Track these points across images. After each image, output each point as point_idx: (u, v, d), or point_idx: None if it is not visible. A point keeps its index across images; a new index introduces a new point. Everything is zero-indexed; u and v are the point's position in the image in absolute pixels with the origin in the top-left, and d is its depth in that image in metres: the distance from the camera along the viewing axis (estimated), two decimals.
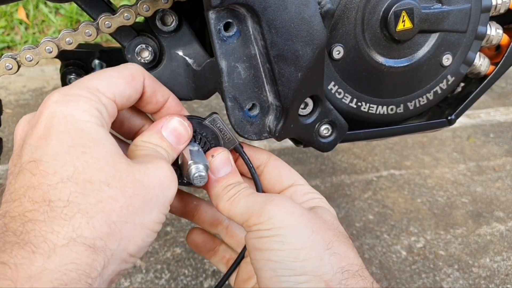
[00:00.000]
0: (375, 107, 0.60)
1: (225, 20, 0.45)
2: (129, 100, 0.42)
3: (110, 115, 0.39)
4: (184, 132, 0.46)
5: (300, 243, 0.42)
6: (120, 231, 0.35)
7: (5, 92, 1.96)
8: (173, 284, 1.16)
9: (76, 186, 0.34)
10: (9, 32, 2.34)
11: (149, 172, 0.38)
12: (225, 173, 0.49)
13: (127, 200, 0.35)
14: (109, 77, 0.40)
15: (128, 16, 0.50)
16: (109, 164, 0.36)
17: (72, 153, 0.35)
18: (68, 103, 0.37)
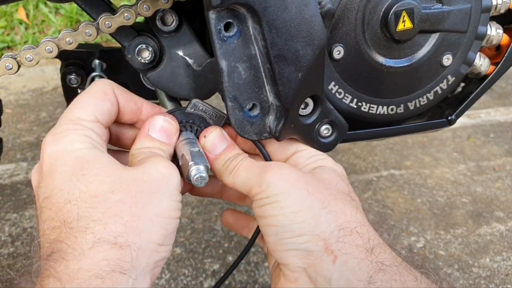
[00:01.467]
0: (376, 107, 0.60)
1: (225, 20, 0.45)
2: (110, 114, 0.46)
3: (99, 134, 0.43)
4: (169, 126, 0.48)
5: (297, 206, 0.44)
6: (137, 226, 0.38)
7: (5, 92, 1.96)
8: (173, 284, 1.16)
9: (84, 203, 0.38)
10: (9, 32, 2.33)
11: (147, 170, 0.41)
12: (222, 149, 0.51)
13: (133, 199, 0.39)
14: (85, 102, 0.44)
15: (128, 16, 0.50)
16: (108, 175, 0.39)
17: (74, 179, 0.39)
18: (59, 140, 0.41)
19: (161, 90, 0.55)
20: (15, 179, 1.48)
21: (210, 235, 1.32)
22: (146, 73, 0.54)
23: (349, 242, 0.43)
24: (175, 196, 0.42)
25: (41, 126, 1.77)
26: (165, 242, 0.40)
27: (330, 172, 0.50)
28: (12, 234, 1.27)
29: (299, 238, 0.43)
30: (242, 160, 0.50)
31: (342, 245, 0.43)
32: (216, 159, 0.50)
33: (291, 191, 0.45)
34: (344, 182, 0.50)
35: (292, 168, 0.48)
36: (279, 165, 0.47)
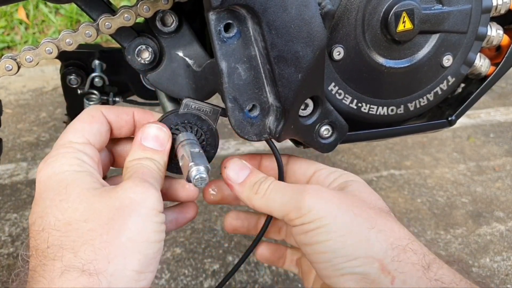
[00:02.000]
0: (376, 108, 0.60)
1: (225, 21, 0.45)
2: (102, 135, 0.46)
3: (91, 156, 0.44)
4: (161, 133, 0.48)
5: (345, 229, 0.42)
6: (109, 253, 0.37)
7: (5, 92, 1.96)
8: (173, 284, 1.16)
9: (57, 231, 0.38)
10: (9, 32, 2.33)
11: (119, 195, 0.40)
12: (245, 175, 0.50)
13: (104, 226, 0.38)
14: (75, 127, 0.45)
15: (128, 17, 0.50)
16: (83, 202, 0.39)
17: (53, 206, 0.39)
18: (49, 165, 0.42)
19: (161, 90, 0.55)
20: (15, 179, 1.48)
21: (210, 235, 1.32)
22: (146, 73, 0.54)
23: (404, 260, 0.42)
24: (153, 218, 0.40)
25: (41, 126, 1.77)
26: (144, 269, 0.39)
27: (364, 188, 0.49)
28: (12, 234, 1.27)
29: (354, 262, 0.42)
30: (273, 182, 0.49)
31: (397, 264, 0.42)
32: (242, 185, 0.50)
33: (337, 214, 0.43)
34: (379, 198, 0.49)
35: (330, 190, 0.47)
36: (316, 187, 0.46)
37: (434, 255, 0.44)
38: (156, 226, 0.40)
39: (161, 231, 0.41)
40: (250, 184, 0.49)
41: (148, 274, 0.39)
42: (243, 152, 1.68)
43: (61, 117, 1.80)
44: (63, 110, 1.82)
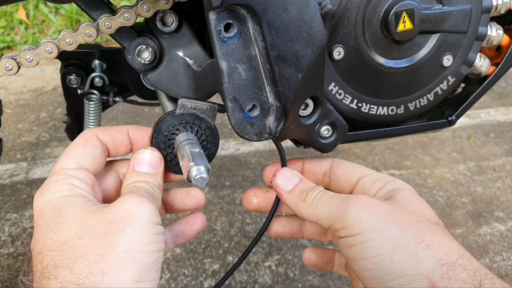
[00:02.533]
0: (376, 108, 0.60)
1: (225, 21, 0.45)
2: (96, 158, 0.47)
3: (85, 180, 0.44)
4: (152, 157, 0.48)
5: (391, 244, 0.41)
6: (104, 266, 0.37)
7: (5, 92, 1.96)
8: (173, 284, 1.16)
9: (54, 252, 0.39)
10: (9, 32, 2.33)
11: (113, 210, 0.41)
12: (295, 183, 0.51)
13: (99, 240, 0.39)
14: (68, 153, 0.46)
15: (128, 17, 0.50)
16: (76, 220, 0.40)
17: (48, 229, 0.40)
18: (43, 193, 0.43)
19: (161, 90, 0.55)
20: (15, 179, 1.48)
21: (210, 235, 1.32)
22: (146, 73, 0.54)
23: (454, 277, 0.40)
24: (148, 229, 0.40)
25: (41, 126, 1.77)
26: (143, 278, 0.39)
27: (412, 197, 0.47)
28: (12, 234, 1.27)
29: (402, 280, 0.40)
30: (322, 191, 0.48)
31: (447, 281, 0.40)
32: (290, 193, 0.50)
33: (382, 228, 0.41)
34: (428, 207, 0.47)
35: (377, 201, 0.45)
36: (362, 198, 0.45)
37: (486, 270, 0.43)
38: (152, 237, 0.40)
39: (158, 241, 0.41)
40: (299, 192, 0.49)
41: (148, 283, 0.39)
42: (243, 152, 1.68)
43: (61, 117, 1.80)
44: (63, 110, 1.82)
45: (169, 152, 0.51)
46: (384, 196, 0.49)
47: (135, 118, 1.84)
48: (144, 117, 1.85)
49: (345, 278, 1.24)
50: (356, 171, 0.53)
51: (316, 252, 0.61)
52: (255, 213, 1.41)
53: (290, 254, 1.28)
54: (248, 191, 0.57)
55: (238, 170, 1.60)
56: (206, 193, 1.48)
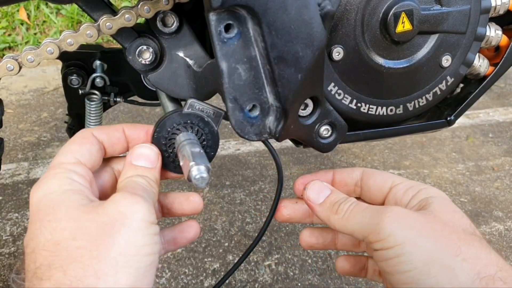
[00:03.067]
0: (375, 108, 0.60)
1: (225, 22, 0.46)
2: (93, 154, 0.46)
3: (82, 175, 0.44)
4: (150, 152, 0.48)
5: (427, 258, 0.40)
6: (99, 269, 0.37)
7: (6, 92, 1.96)
8: (174, 283, 1.17)
9: (47, 252, 0.38)
10: (10, 33, 2.34)
11: (107, 210, 0.40)
12: (325, 196, 0.51)
13: (94, 242, 0.38)
14: (66, 149, 0.46)
15: (129, 18, 0.50)
16: (70, 220, 0.39)
17: (42, 227, 0.39)
18: (40, 186, 0.42)
19: (161, 91, 0.56)
20: (16, 179, 1.48)
21: (211, 235, 1.32)
22: (147, 74, 0.54)
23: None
24: (144, 230, 0.40)
25: (42, 126, 1.77)
26: (138, 283, 0.38)
27: (446, 206, 0.46)
28: (13, 233, 1.27)
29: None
30: (354, 203, 0.48)
31: None
32: (322, 205, 0.50)
33: (417, 241, 0.41)
34: (463, 216, 0.46)
35: (411, 212, 0.44)
36: (395, 210, 0.44)
37: None
38: (148, 239, 0.40)
39: (154, 243, 0.40)
40: (330, 204, 0.49)
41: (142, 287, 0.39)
42: (243, 151, 1.69)
43: (63, 117, 1.80)
44: (64, 110, 1.82)
45: (169, 151, 0.51)
46: (417, 205, 0.48)
47: (136, 118, 1.84)
48: (145, 117, 1.85)
49: (345, 277, 1.25)
50: (387, 180, 0.52)
51: (349, 260, 0.60)
52: (255, 213, 1.41)
53: (289, 253, 1.28)
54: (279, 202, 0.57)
55: (238, 169, 1.60)
56: (207, 193, 1.49)
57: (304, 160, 1.68)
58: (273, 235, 1.34)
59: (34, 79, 2.07)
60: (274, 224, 1.38)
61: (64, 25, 2.36)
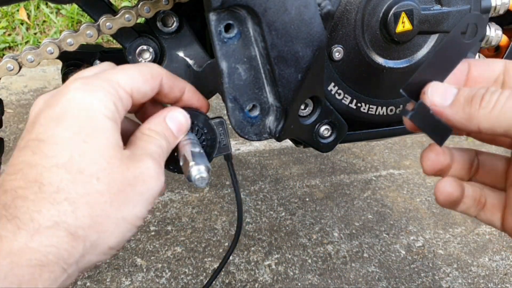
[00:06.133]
0: (375, 107, 0.60)
1: (225, 22, 0.46)
2: (144, 97, 0.44)
3: (124, 108, 0.41)
4: (184, 122, 0.47)
5: None
6: (102, 225, 0.36)
7: (6, 92, 1.97)
8: (174, 283, 1.17)
9: (67, 174, 0.35)
10: (10, 33, 2.34)
11: (136, 172, 0.39)
12: (453, 95, 0.38)
13: (112, 196, 0.37)
14: (130, 73, 0.42)
15: (129, 18, 0.50)
16: (103, 157, 0.37)
17: (74, 140, 0.36)
18: (87, 92, 0.38)
19: None
20: None
21: (211, 234, 1.32)
22: None
23: None
24: (149, 205, 0.40)
25: None
26: (116, 247, 0.38)
27: None
28: None
29: None
30: (506, 93, 0.34)
31: None
32: (454, 104, 0.37)
33: None
34: None
35: None
36: None
37: None
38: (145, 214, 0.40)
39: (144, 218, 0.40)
40: (467, 99, 0.36)
41: (116, 252, 0.38)
42: (243, 151, 1.69)
43: None
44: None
45: None
46: None
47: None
48: None
49: (345, 277, 1.25)
50: (495, 62, 0.39)
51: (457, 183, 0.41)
52: (255, 213, 1.41)
53: (289, 253, 1.28)
54: None
55: (238, 169, 1.60)
56: (206, 193, 1.49)
57: (304, 160, 1.68)
58: (273, 235, 1.34)
59: (34, 79, 2.07)
60: (274, 224, 1.39)
61: (64, 25, 2.36)
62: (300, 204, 1.47)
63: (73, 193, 0.35)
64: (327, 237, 1.35)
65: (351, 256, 1.29)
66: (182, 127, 0.47)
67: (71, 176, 0.35)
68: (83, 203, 0.35)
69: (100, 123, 0.38)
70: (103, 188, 0.36)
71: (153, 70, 0.44)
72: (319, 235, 1.36)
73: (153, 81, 0.43)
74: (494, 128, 0.35)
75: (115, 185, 0.37)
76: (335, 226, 1.39)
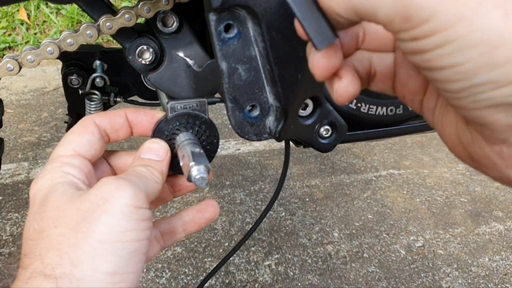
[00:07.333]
0: (375, 108, 0.60)
1: (225, 22, 0.46)
2: (93, 145, 0.46)
3: (79, 166, 0.44)
4: (158, 146, 0.48)
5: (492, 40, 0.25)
6: (75, 257, 0.37)
7: (6, 92, 1.97)
8: (174, 283, 1.17)
9: (32, 241, 0.39)
10: (10, 33, 2.34)
11: (90, 197, 0.39)
12: None
13: (73, 229, 0.38)
14: (65, 140, 0.46)
15: (129, 18, 0.50)
16: (54, 209, 0.40)
17: (34, 218, 0.40)
18: (37, 181, 0.43)
19: (161, 91, 0.56)
20: (16, 179, 1.48)
21: (211, 234, 1.32)
22: (147, 74, 0.54)
23: None
24: (128, 216, 0.38)
25: (42, 126, 1.77)
26: (120, 270, 0.37)
27: None
28: (13, 233, 1.28)
29: (507, 89, 0.26)
30: None
31: None
32: None
33: (475, 16, 0.26)
34: None
35: None
36: None
37: None
38: (132, 224, 0.38)
39: (140, 229, 0.39)
40: None
41: (127, 276, 0.37)
42: (243, 151, 1.69)
43: (63, 117, 1.81)
44: (65, 110, 1.82)
45: None
46: None
47: None
48: None
49: (345, 277, 1.25)
50: None
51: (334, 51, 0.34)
52: (255, 213, 1.41)
53: (289, 253, 1.28)
54: None
55: (238, 169, 1.60)
56: (207, 193, 1.49)
57: (304, 160, 1.68)
58: (273, 235, 1.34)
59: (34, 79, 2.07)
60: (274, 224, 1.39)
61: (64, 25, 2.36)
62: (300, 204, 1.47)
63: (38, 249, 0.38)
64: (327, 237, 1.35)
65: (351, 256, 1.29)
66: (160, 151, 0.48)
67: (35, 240, 0.39)
68: (49, 250, 0.38)
69: (49, 192, 0.41)
70: (62, 230, 0.38)
71: (83, 121, 0.47)
72: (319, 235, 1.36)
73: (87, 129, 0.46)
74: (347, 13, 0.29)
75: (72, 221, 0.38)
76: (335, 226, 1.39)
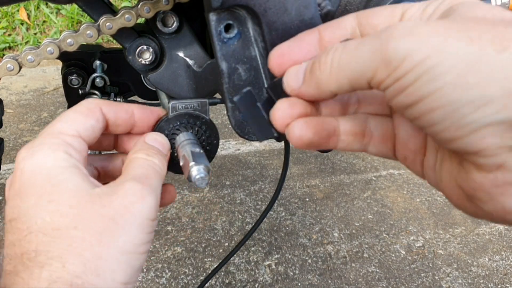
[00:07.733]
0: None
1: (225, 22, 0.46)
2: (94, 131, 0.43)
3: (79, 150, 0.41)
4: (164, 141, 0.48)
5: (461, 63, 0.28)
6: (98, 266, 0.36)
7: (6, 92, 1.97)
8: (174, 283, 1.17)
9: (44, 235, 0.36)
10: (10, 33, 2.34)
11: (114, 205, 0.38)
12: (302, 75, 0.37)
13: (97, 237, 0.36)
14: (68, 117, 0.42)
15: (129, 18, 0.51)
16: (73, 207, 0.37)
17: (40, 205, 0.37)
18: (33, 155, 0.38)
19: (161, 91, 0.56)
20: None
21: (211, 234, 1.32)
22: (147, 74, 0.54)
23: None
24: (146, 228, 0.38)
25: (43, 126, 1.77)
26: (130, 280, 0.37)
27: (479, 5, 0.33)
28: None
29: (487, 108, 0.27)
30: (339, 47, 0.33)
31: None
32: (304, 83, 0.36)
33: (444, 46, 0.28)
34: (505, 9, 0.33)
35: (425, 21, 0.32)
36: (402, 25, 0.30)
37: None
38: (146, 237, 0.39)
39: (149, 241, 0.39)
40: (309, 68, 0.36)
41: (133, 285, 0.38)
42: (243, 152, 1.69)
43: None
44: (64, 110, 1.82)
45: None
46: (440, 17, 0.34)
47: None
48: None
49: (345, 277, 1.25)
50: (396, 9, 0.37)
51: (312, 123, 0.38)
52: (255, 213, 1.41)
53: (289, 253, 1.28)
54: None
55: (238, 169, 1.60)
56: (207, 193, 1.49)
57: (304, 160, 1.68)
58: (273, 235, 1.34)
59: (34, 79, 2.07)
60: (274, 224, 1.39)
61: (64, 25, 2.36)
62: (300, 204, 1.47)
63: (56, 250, 0.35)
64: (327, 237, 1.35)
65: (351, 256, 1.29)
66: (164, 145, 0.47)
67: (49, 236, 0.36)
68: (70, 254, 0.35)
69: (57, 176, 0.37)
70: (83, 234, 0.36)
71: (89, 104, 0.44)
72: (319, 235, 1.36)
73: (93, 113, 0.43)
74: (341, 86, 0.33)
75: (96, 226, 0.36)
76: (335, 226, 1.39)
